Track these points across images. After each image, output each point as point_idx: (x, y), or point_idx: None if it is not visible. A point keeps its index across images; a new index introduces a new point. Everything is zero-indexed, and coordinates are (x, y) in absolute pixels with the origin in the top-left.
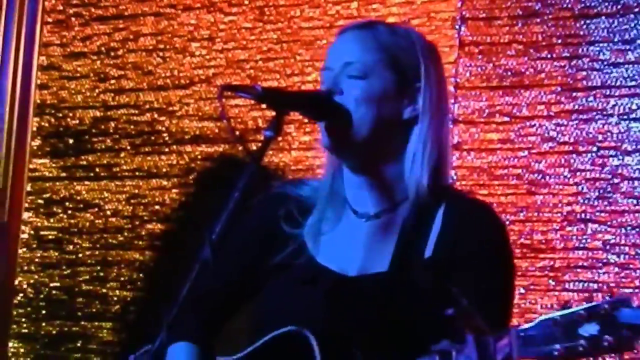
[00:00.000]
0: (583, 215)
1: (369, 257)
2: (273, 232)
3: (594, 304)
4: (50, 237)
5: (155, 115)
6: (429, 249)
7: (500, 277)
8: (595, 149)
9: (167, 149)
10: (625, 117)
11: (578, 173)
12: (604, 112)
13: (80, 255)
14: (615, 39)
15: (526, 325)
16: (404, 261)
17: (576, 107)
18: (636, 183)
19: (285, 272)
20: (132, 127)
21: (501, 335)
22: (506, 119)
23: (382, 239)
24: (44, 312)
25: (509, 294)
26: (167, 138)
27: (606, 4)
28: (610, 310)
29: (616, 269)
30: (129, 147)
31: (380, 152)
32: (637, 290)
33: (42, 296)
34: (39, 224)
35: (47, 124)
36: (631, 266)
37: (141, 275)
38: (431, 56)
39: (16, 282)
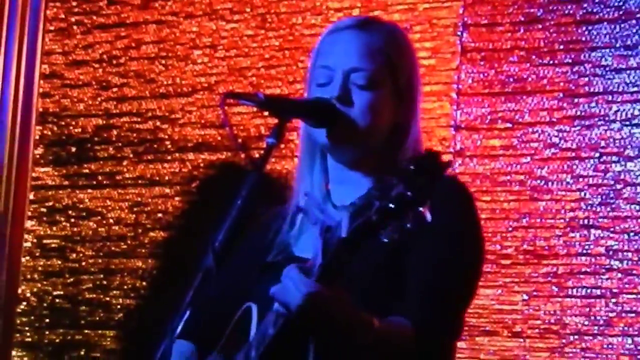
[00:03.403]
0: (586, 221)
1: None
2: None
3: (402, 169)
4: (53, 245)
5: (158, 123)
6: None
7: (456, 245)
8: (597, 155)
9: (169, 157)
10: (627, 122)
11: (580, 179)
12: (607, 118)
13: (83, 263)
14: (617, 45)
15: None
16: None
17: (578, 113)
18: (639, 189)
19: (270, 270)
20: (134, 135)
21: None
22: (508, 125)
23: None
24: (47, 320)
25: (464, 263)
26: (169, 146)
27: (608, 9)
28: (412, 170)
29: (619, 275)
30: (131, 155)
31: (373, 153)
32: None
33: (45, 305)
34: (42, 233)
35: (49, 132)
36: (634, 272)
37: (144, 283)
38: (416, 58)
39: (19, 291)
